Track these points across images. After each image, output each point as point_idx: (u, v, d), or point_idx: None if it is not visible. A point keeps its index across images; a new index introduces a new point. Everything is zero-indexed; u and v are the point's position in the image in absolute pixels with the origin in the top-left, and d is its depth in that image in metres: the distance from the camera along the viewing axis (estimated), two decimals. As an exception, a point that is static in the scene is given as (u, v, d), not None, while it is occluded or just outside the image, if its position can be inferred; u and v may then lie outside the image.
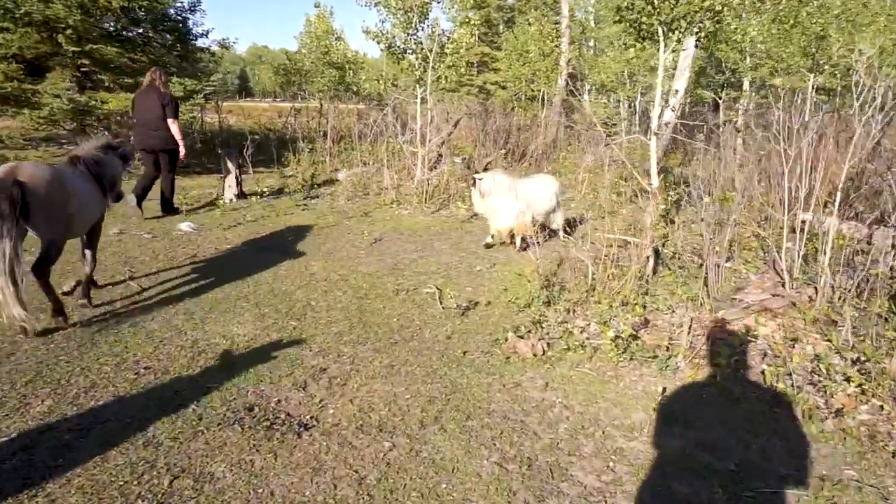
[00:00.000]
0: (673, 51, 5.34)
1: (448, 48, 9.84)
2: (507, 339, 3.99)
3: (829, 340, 3.89)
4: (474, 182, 6.56)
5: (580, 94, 25.91)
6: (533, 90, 21.37)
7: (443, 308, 4.64)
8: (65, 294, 4.63)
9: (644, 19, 5.11)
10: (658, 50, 5.44)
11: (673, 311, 4.52)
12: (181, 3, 12.12)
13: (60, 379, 3.30)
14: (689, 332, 3.96)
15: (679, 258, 5.74)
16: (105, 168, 4.70)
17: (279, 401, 3.19)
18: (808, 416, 3.10)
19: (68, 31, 10.08)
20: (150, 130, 7.43)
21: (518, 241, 6.62)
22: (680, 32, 5.11)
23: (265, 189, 9.05)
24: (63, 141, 11.89)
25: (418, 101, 10.63)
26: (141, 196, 7.61)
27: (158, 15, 11.92)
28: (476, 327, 4.35)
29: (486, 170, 7.08)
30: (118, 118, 10.59)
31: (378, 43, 9.97)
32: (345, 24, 34.37)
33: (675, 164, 13.67)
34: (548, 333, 4.17)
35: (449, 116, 13.05)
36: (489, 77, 28.10)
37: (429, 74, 9.60)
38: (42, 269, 3.92)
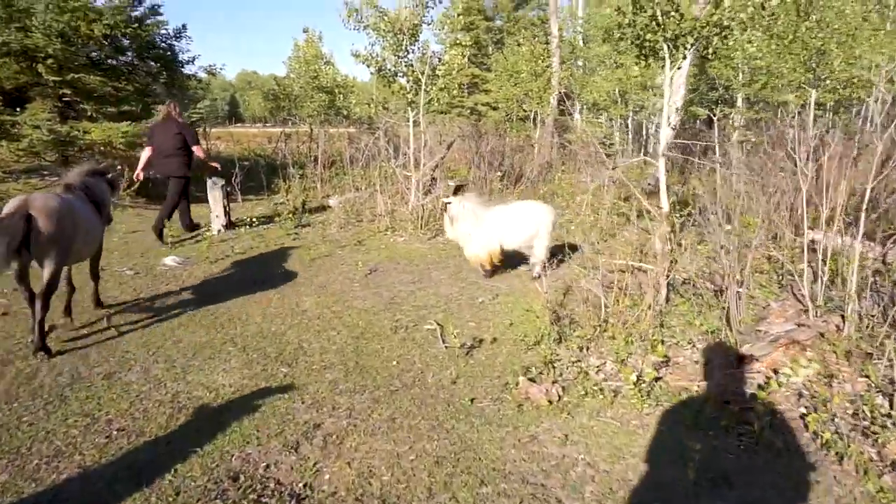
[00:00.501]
0: (678, 68, 5.09)
1: (440, 70, 9.63)
2: (518, 384, 3.66)
3: (866, 376, 3.58)
4: (445, 207, 6.36)
5: (571, 114, 25.90)
6: (525, 110, 21.30)
7: (445, 347, 4.31)
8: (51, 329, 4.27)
9: (648, 36, 4.86)
10: (661, 67, 5.21)
11: (694, 346, 4.21)
12: (166, 30, 11.89)
13: (21, 447, 2.94)
14: (715, 374, 3.65)
15: (692, 284, 5.44)
16: (96, 193, 4.86)
17: (268, 466, 2.84)
18: (862, 470, 2.77)
19: (49, 61, 9.80)
20: (164, 158, 7.84)
21: (484, 270, 6.31)
22: (685, 49, 4.87)
23: (254, 218, 8.73)
24: (45, 172, 11.52)
25: (410, 124, 10.39)
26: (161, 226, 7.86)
27: (143, 42, 11.67)
28: (483, 369, 4.01)
29: (456, 193, 6.71)
30: (101, 148, 10.25)
31: (368, 66, 9.74)
32: (334, 48, 34.38)
33: (671, 182, 13.47)
34: (561, 375, 3.84)
35: (442, 139, 12.83)
36: (480, 98, 28.05)
37: (421, 97, 9.35)
38: (48, 298, 4.05)
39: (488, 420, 3.31)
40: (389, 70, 9.83)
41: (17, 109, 10.50)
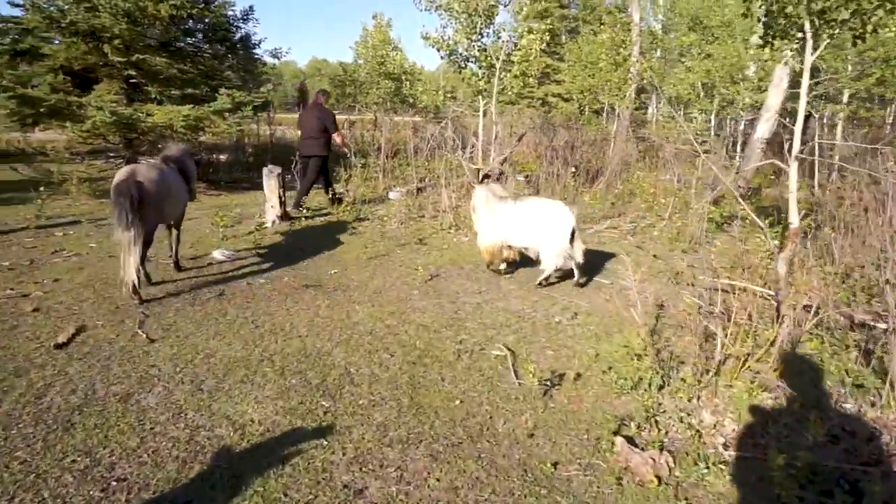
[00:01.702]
0: (814, 50, 4.11)
1: (515, 56, 8.82)
2: (613, 446, 2.88)
3: None
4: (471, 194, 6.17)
5: (647, 108, 24.41)
6: (600, 102, 20.11)
7: (519, 383, 3.56)
8: (58, 347, 3.83)
9: (790, 9, 3.91)
10: (802, 50, 4.25)
11: (841, 405, 3.29)
12: (233, 11, 11.54)
13: (2, 495, 2.40)
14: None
15: (821, 315, 4.46)
16: (187, 167, 5.81)
17: (293, 549, 2.19)
18: None
19: (115, 41, 9.58)
20: (307, 139, 8.94)
21: (489, 266, 6.01)
22: (833, 27, 3.89)
23: (311, 210, 8.20)
24: (111, 154, 11.46)
25: (480, 113, 9.64)
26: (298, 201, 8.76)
27: (210, 24, 11.37)
28: (566, 416, 3.24)
29: (482, 182, 6.21)
30: (163, 132, 9.99)
31: (438, 50, 9.04)
32: (403, 34, 33.93)
33: (759, 182, 12.16)
34: (667, 434, 3.03)
35: (513, 130, 12.03)
36: (551, 89, 26.89)
37: (494, 84, 8.57)
38: (147, 246, 5.00)
39: (578, 498, 2.55)
40: (461, 55, 9.10)
41: (86, 90, 10.41)
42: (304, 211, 8.04)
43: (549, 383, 3.54)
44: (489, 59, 8.92)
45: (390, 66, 15.07)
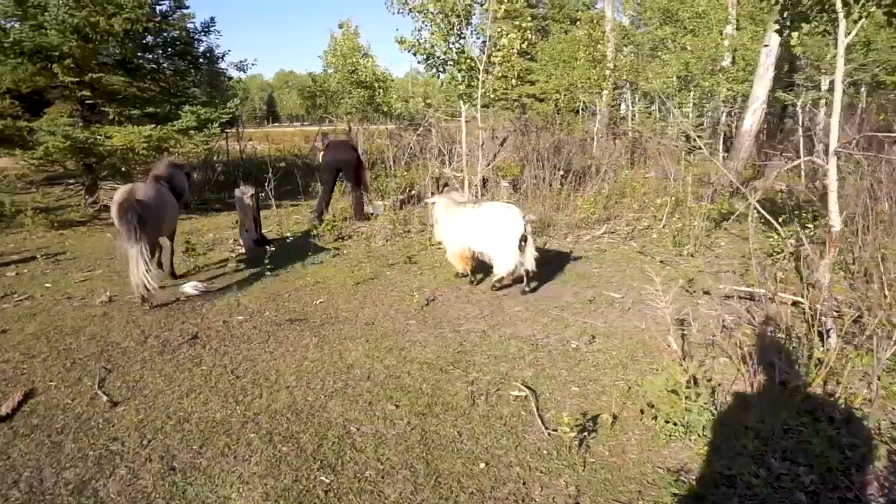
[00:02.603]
0: (847, 34, 3.69)
1: (496, 56, 8.35)
2: (679, 515, 2.39)
3: None
4: (430, 207, 6.14)
5: (621, 104, 24.19)
6: (575, 101, 19.82)
7: (548, 433, 3.06)
8: (3, 419, 3.23)
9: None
10: (823, 35, 3.84)
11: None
12: (193, 24, 10.91)
13: None
14: None
15: (860, 323, 4.04)
16: (176, 182, 6.14)
17: None
18: None
19: (66, 61, 8.90)
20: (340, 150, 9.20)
21: (459, 273, 5.94)
22: (870, 4, 3.48)
23: (289, 231, 7.62)
24: (70, 182, 10.74)
25: (463, 118, 9.17)
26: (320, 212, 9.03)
27: (168, 39, 10.73)
28: (610, 474, 2.74)
29: (441, 192, 6.19)
30: (123, 155, 9.32)
31: (414, 54, 8.53)
32: (371, 40, 33.36)
33: (747, 176, 11.87)
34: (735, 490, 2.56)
35: (494, 135, 11.59)
36: (524, 90, 26.57)
37: (479, 87, 8.10)
38: (151, 257, 5.21)
39: None
40: (438, 58, 8.60)
41: (36, 115, 9.71)
42: (283, 233, 7.48)
43: (582, 430, 3.04)
44: (469, 61, 8.44)
45: (362, 73, 14.52)
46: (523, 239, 5.12)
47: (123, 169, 9.99)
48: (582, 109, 20.12)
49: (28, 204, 9.38)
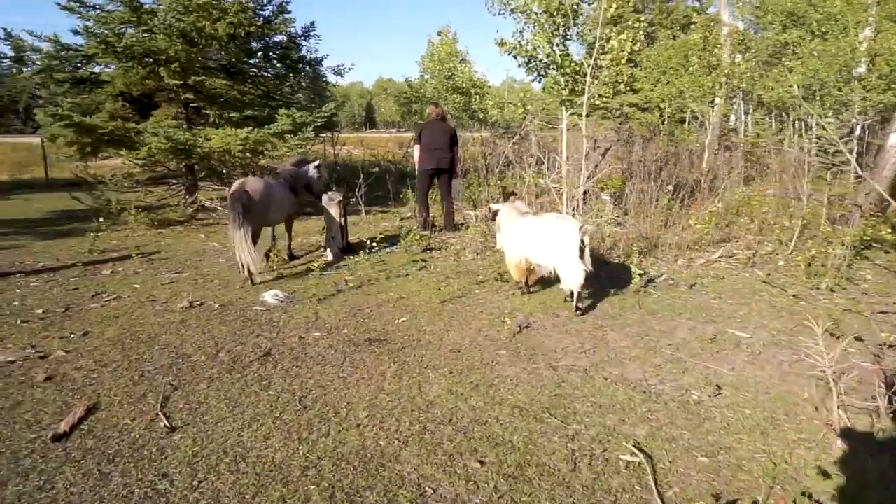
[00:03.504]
0: None
1: (604, 60, 7.66)
2: None
3: None
4: (494, 215, 6.05)
5: (729, 115, 22.48)
6: (683, 111, 18.54)
7: (674, 521, 2.41)
8: (56, 439, 2.99)
9: None
10: None
11: None
12: (295, 28, 10.95)
13: None
14: None
15: None
16: (300, 178, 7.18)
17: None
18: None
19: (172, 65, 9.10)
20: (437, 151, 8.52)
21: (517, 285, 5.83)
22: None
23: (377, 239, 7.29)
24: (173, 182, 11.04)
25: (563, 127, 8.53)
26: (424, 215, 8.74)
27: (269, 43, 10.82)
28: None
29: (506, 199, 6.08)
30: (221, 157, 9.40)
31: (515, 57, 8.00)
32: (470, 47, 33.11)
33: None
34: None
35: (596, 145, 10.83)
36: (627, 98, 25.34)
37: (586, 92, 7.45)
38: (255, 241, 6.03)
39: None
40: (541, 61, 8.02)
41: (146, 117, 10.03)
42: (369, 242, 7.17)
43: (718, 521, 2.37)
44: (573, 65, 7.81)
45: (459, 79, 14.18)
46: (581, 251, 4.89)
47: (221, 171, 10.10)
48: (690, 120, 18.83)
49: (132, 202, 9.66)
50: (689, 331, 4.69)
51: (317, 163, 7.58)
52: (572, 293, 5.13)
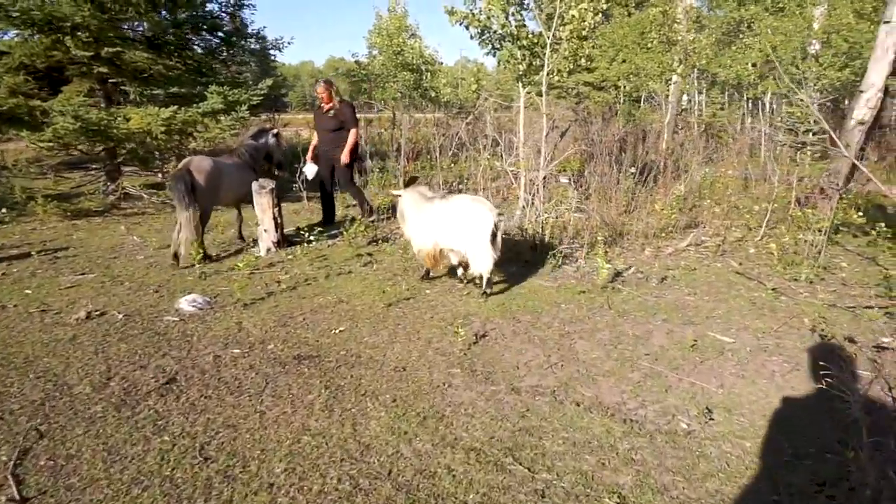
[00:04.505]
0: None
1: (563, 31, 7.02)
2: None
3: None
4: (396, 200, 5.82)
5: (683, 94, 22.32)
6: (639, 90, 18.16)
7: None
8: None
9: None
10: None
11: None
12: (226, -4, 9.90)
13: None
14: None
15: None
16: (259, 151, 6.87)
17: None
18: None
19: (80, 33, 8.01)
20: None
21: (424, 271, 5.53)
22: None
23: (316, 230, 6.53)
24: (92, 168, 9.92)
25: (521, 105, 7.89)
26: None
27: (199, 13, 9.77)
28: None
29: (408, 185, 5.71)
30: (142, 138, 8.39)
31: (467, 27, 7.26)
32: (421, 23, 32.04)
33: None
34: None
35: (555, 125, 10.24)
36: (582, 77, 24.92)
37: (545, 67, 6.81)
38: (203, 224, 5.97)
39: None
40: (495, 32, 7.32)
41: (56, 93, 8.90)
42: (307, 234, 6.41)
43: None
44: (531, 36, 7.15)
45: (408, 55, 13.32)
46: (493, 235, 4.71)
47: (145, 154, 9.08)
48: (645, 99, 18.49)
49: (40, 191, 8.57)
50: (667, 335, 4.15)
51: (275, 131, 7.23)
52: (482, 277, 4.97)
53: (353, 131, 7.40)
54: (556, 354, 3.83)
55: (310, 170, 7.55)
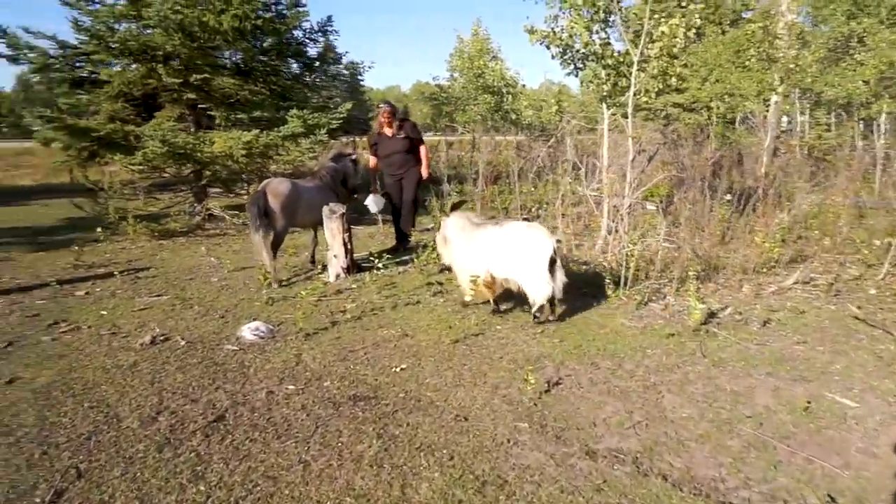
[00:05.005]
0: None
1: (652, 49, 6.53)
2: None
3: None
4: (440, 226, 5.58)
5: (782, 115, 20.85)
6: (734, 111, 17.10)
7: None
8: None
9: None
10: None
11: None
12: (309, 22, 10.07)
13: None
14: None
15: None
16: (338, 174, 6.86)
17: None
18: None
19: (173, 62, 8.34)
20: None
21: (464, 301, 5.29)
22: None
23: (388, 256, 6.31)
24: (182, 188, 10.28)
25: (604, 127, 7.43)
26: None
27: (283, 39, 9.99)
28: None
29: (453, 209, 5.62)
30: (224, 162, 8.58)
31: (548, 47, 6.93)
32: (503, 45, 32.01)
33: None
34: None
35: (642, 148, 9.67)
36: (671, 98, 23.86)
37: (631, 86, 6.36)
38: (275, 247, 6.07)
39: None
40: (578, 52, 6.94)
41: (150, 119, 9.31)
42: (376, 261, 6.21)
43: None
44: (616, 55, 6.72)
45: (489, 77, 13.13)
46: (552, 262, 4.53)
47: (227, 177, 9.30)
48: (741, 121, 17.38)
49: (131, 211, 8.93)
50: (773, 393, 3.56)
51: (353, 156, 7.30)
52: (535, 304, 4.74)
53: (423, 148, 7.26)
54: (640, 410, 3.35)
55: (375, 203, 7.41)
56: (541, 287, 4.57)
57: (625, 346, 4.30)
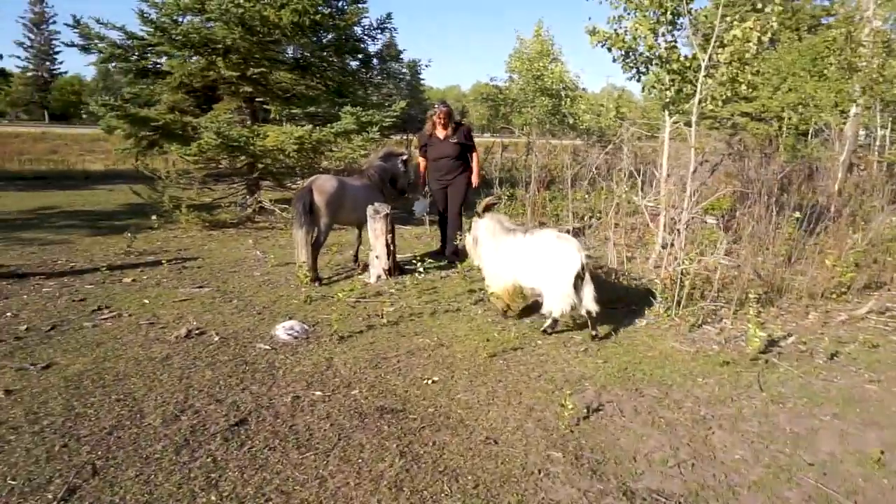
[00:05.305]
0: None
1: (721, 55, 6.13)
2: None
3: None
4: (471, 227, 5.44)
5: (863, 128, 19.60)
6: (808, 122, 16.17)
7: None
8: None
9: None
10: None
11: None
12: (368, 19, 10.04)
13: None
14: None
15: None
16: (386, 173, 6.74)
17: None
18: None
19: (232, 55, 8.43)
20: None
21: (500, 310, 5.12)
22: None
23: (424, 263, 6.16)
24: (236, 180, 10.43)
25: (666, 135, 7.05)
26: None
27: (341, 35, 9.98)
28: None
29: (485, 211, 5.32)
30: (275, 156, 8.62)
31: (609, 49, 6.62)
32: (564, 45, 31.38)
33: None
34: None
35: (704, 159, 9.20)
36: (738, 107, 22.85)
37: (698, 92, 6.00)
38: (317, 245, 5.99)
39: None
40: (641, 55, 6.61)
41: (208, 110, 9.47)
42: (418, 264, 6.07)
43: None
44: (682, 59, 6.36)
45: (548, 79, 12.81)
46: (580, 276, 4.42)
47: (278, 170, 9.36)
48: (814, 133, 16.43)
49: (185, 201, 9.09)
50: (839, 438, 3.21)
51: (404, 157, 7.19)
52: (552, 316, 4.66)
53: (475, 154, 6.99)
54: (687, 447, 3.06)
55: (420, 207, 7.28)
56: (559, 301, 4.48)
57: (674, 373, 4.00)
